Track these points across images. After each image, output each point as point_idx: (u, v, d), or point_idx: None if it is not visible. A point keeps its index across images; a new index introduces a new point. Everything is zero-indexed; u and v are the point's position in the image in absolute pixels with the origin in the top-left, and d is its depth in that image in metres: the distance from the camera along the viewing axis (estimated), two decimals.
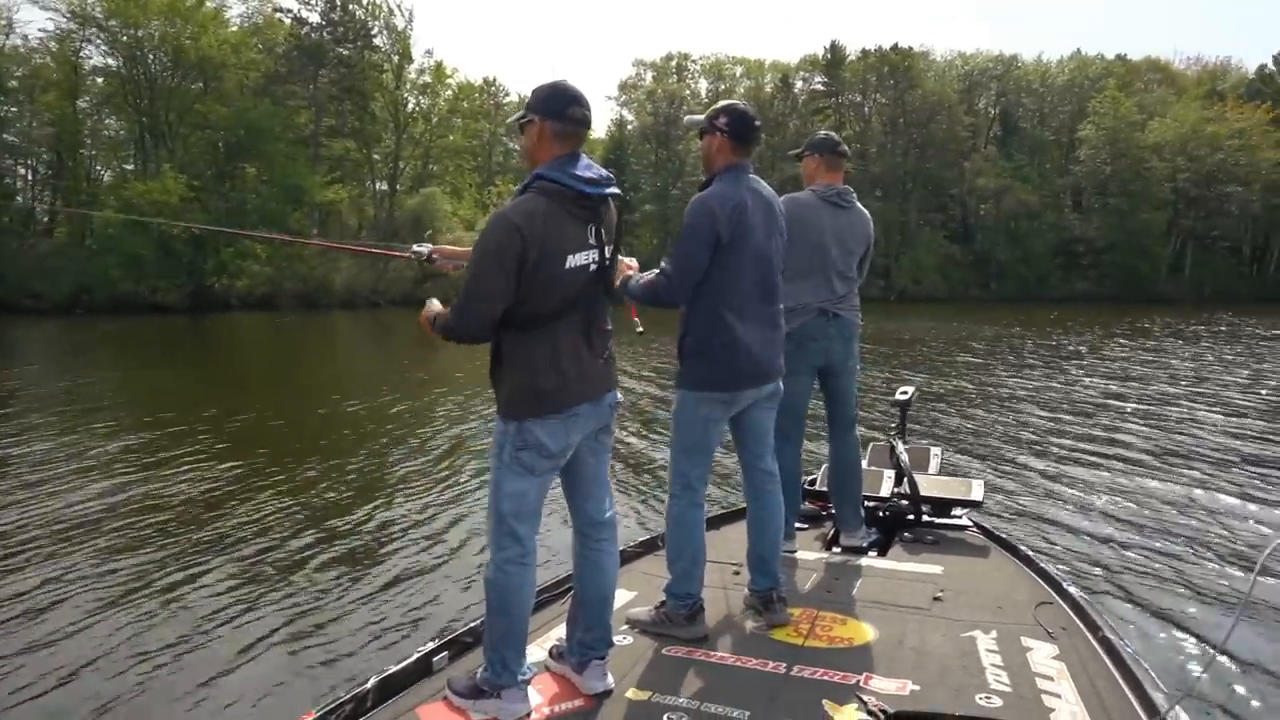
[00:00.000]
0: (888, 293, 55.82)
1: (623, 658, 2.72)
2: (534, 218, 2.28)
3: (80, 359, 20.48)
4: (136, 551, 5.76)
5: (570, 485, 2.60)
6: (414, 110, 53.74)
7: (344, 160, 49.79)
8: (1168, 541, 5.77)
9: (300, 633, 4.46)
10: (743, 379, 2.94)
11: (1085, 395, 12.78)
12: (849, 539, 3.97)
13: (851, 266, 3.88)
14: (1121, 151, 55.07)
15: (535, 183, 2.36)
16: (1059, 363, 17.65)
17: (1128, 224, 54.38)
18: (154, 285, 37.56)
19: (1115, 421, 10.49)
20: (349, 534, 6.19)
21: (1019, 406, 11.82)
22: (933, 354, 19.40)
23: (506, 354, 2.38)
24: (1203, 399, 12.31)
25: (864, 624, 3.02)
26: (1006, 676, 2.59)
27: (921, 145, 59.92)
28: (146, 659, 4.15)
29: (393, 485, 7.69)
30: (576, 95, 2.42)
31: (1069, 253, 56.60)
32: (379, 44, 51.41)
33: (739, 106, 3.04)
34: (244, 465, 8.25)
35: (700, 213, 2.87)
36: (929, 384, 13.96)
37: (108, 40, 41.61)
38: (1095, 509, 6.61)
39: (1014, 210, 56.60)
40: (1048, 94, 64.28)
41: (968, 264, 57.92)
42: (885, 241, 58.17)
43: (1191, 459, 8.38)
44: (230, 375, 17.73)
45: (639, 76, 69.55)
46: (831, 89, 61.91)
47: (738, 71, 70.62)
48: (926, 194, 60.42)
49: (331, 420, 11.11)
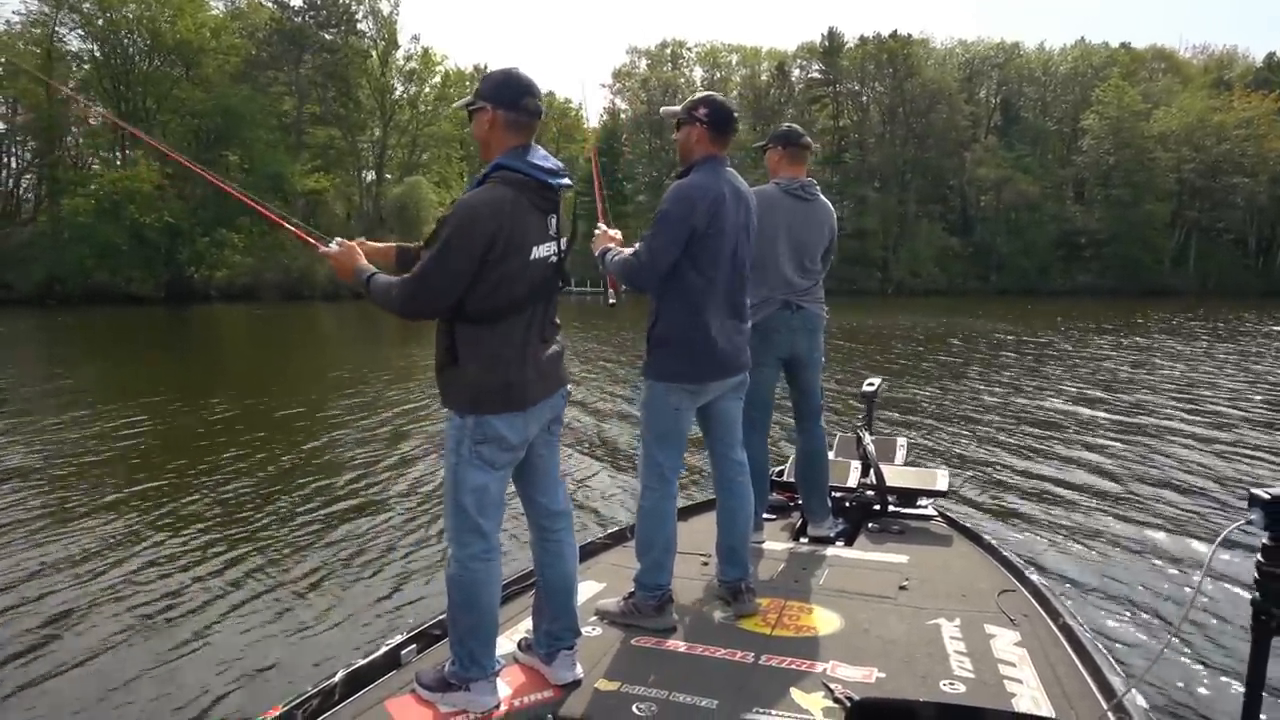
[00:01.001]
0: (885, 285, 55.18)
1: (591, 648, 2.73)
2: (501, 208, 2.27)
3: (40, 353, 20.20)
4: (100, 541, 5.76)
5: (523, 478, 2.58)
6: (400, 97, 52.70)
7: (329, 149, 48.86)
8: (1127, 530, 5.97)
9: (265, 625, 4.43)
10: (710, 371, 2.97)
11: (1056, 390, 12.90)
12: (816, 529, 4.02)
13: (815, 259, 3.88)
14: (1125, 141, 54.69)
15: (496, 172, 2.33)
16: (1036, 357, 17.85)
17: (1131, 215, 54.06)
18: (129, 276, 36.62)
19: (1081, 415, 10.66)
20: (313, 526, 6.15)
21: (989, 400, 12.02)
22: (911, 349, 19.50)
23: (465, 347, 2.33)
24: (1174, 393, 12.49)
25: (831, 613, 3.06)
26: (970, 663, 2.65)
27: (921, 135, 59.40)
28: (105, 652, 4.13)
29: (361, 476, 7.67)
30: (529, 85, 2.40)
31: (1070, 244, 56.20)
32: (364, 29, 50.45)
33: (717, 98, 3.05)
34: (203, 459, 8.23)
35: (679, 200, 2.87)
36: (900, 377, 14.06)
37: (83, 23, 40.54)
38: (1057, 498, 6.80)
39: (1015, 201, 56.12)
40: (1050, 83, 63.66)
41: (967, 256, 57.56)
42: (883, 233, 57.69)
43: (1153, 452, 8.60)
44: (195, 368, 17.31)
45: (633, 64, 68.94)
46: (829, 77, 61.17)
47: (733, 60, 69.87)
48: (925, 184, 60.06)
49: (295, 413, 10.99)
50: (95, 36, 41.07)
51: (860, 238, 57.63)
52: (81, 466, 7.97)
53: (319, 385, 13.86)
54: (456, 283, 2.26)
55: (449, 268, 2.25)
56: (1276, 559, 1.64)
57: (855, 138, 61.74)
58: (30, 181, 44.01)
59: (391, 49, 51.93)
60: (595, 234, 3.16)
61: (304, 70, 47.39)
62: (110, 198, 34.58)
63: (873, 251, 57.44)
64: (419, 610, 4.46)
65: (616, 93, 67.98)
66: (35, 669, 3.97)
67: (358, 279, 2.47)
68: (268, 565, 5.34)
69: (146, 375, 15.46)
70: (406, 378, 14.17)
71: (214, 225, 38.04)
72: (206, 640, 4.25)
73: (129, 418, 10.32)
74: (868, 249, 57.37)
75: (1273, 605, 1.64)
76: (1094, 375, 14.62)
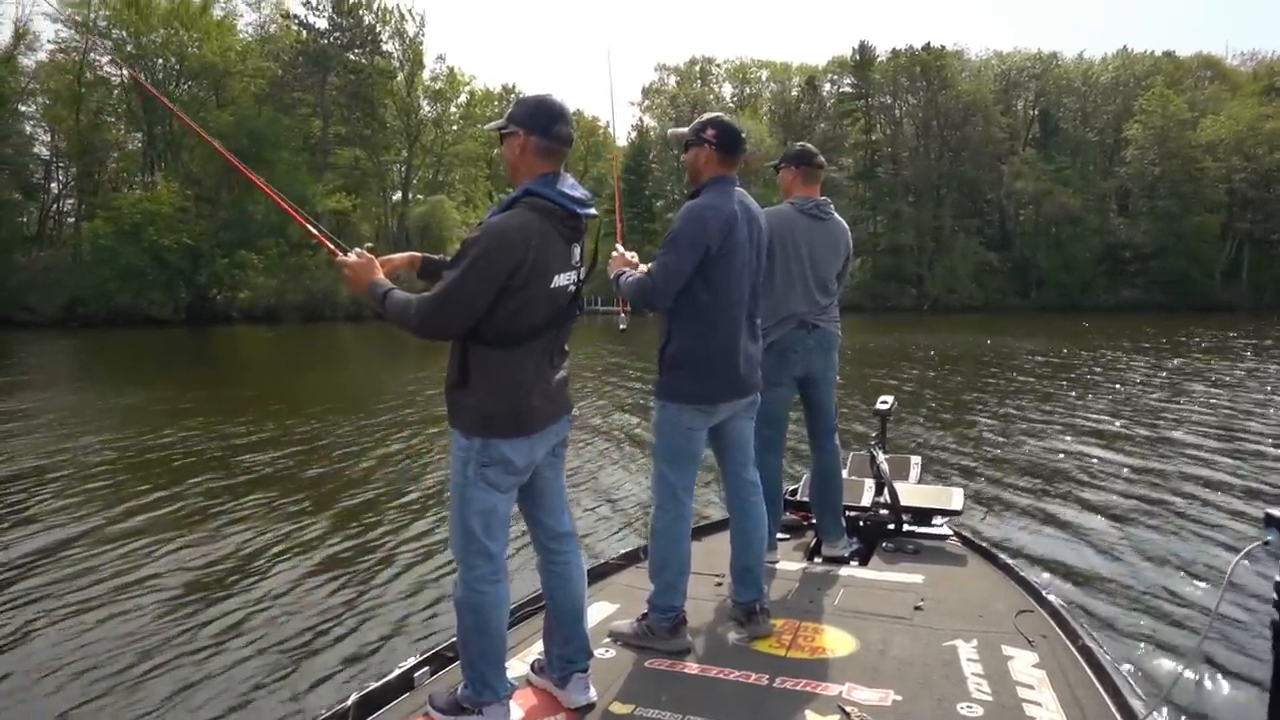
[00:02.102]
0: (920, 302, 53.78)
1: (605, 671, 2.73)
2: (530, 234, 2.28)
3: (56, 374, 20.53)
4: (113, 565, 5.78)
5: (529, 500, 2.57)
6: (425, 117, 52.68)
7: (354, 169, 48.95)
8: (1147, 549, 5.94)
9: (280, 649, 4.42)
10: (722, 391, 2.99)
11: (1078, 410, 12.61)
12: (830, 549, 4.04)
13: (831, 278, 3.90)
14: (1171, 151, 53.22)
15: (526, 198, 2.35)
16: (1063, 376, 17.48)
17: (1178, 228, 52.62)
18: (150, 298, 36.63)
19: (1104, 434, 10.53)
20: (328, 547, 6.19)
21: (1006, 420, 11.84)
22: (926, 369, 19.24)
23: (477, 369, 2.34)
24: (1204, 412, 12.19)
25: (845, 634, 3.05)
26: (988, 685, 2.64)
27: (956, 148, 58.45)
28: (117, 672, 4.14)
29: (376, 497, 7.72)
30: (563, 111, 2.42)
31: (1115, 259, 54.79)
32: (389, 50, 50.55)
33: (724, 119, 3.08)
34: (216, 483, 8.27)
35: (692, 220, 2.91)
36: (915, 396, 14.08)
37: (112, 50, 41.01)
38: (1073, 519, 6.72)
39: (1055, 215, 54.79)
40: (1090, 93, 62.26)
41: (1006, 271, 56.31)
42: (918, 249, 56.47)
43: (1176, 470, 8.51)
44: (211, 388, 17.21)
45: (661, 81, 68.69)
46: (861, 91, 60.19)
47: (763, 75, 69.40)
48: (961, 198, 59.18)
49: (312, 434, 11.06)
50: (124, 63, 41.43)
51: (894, 254, 56.60)
52: (89, 490, 7.99)
53: (336, 404, 13.97)
54: (476, 304, 2.25)
55: (471, 289, 2.24)
56: None
57: (888, 151, 60.78)
58: (71, 206, 44.52)
59: (417, 69, 52.02)
60: (612, 256, 3.16)
61: (329, 92, 47.48)
62: (130, 219, 34.55)
63: (907, 268, 56.28)
64: (434, 632, 4.43)
65: (645, 110, 67.78)
66: (25, 678, 4.04)
67: (372, 293, 2.44)
68: (283, 585, 5.32)
69: (161, 396, 15.39)
70: (425, 397, 14.24)
71: (234, 247, 37.95)
72: (219, 662, 4.25)
73: (138, 438, 10.49)
74: (902, 265, 56.26)
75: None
76: (1121, 395, 14.34)
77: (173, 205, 36.60)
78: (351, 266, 2.48)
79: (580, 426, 11.04)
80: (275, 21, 49.72)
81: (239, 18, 49.56)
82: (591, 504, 7.32)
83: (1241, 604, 4.60)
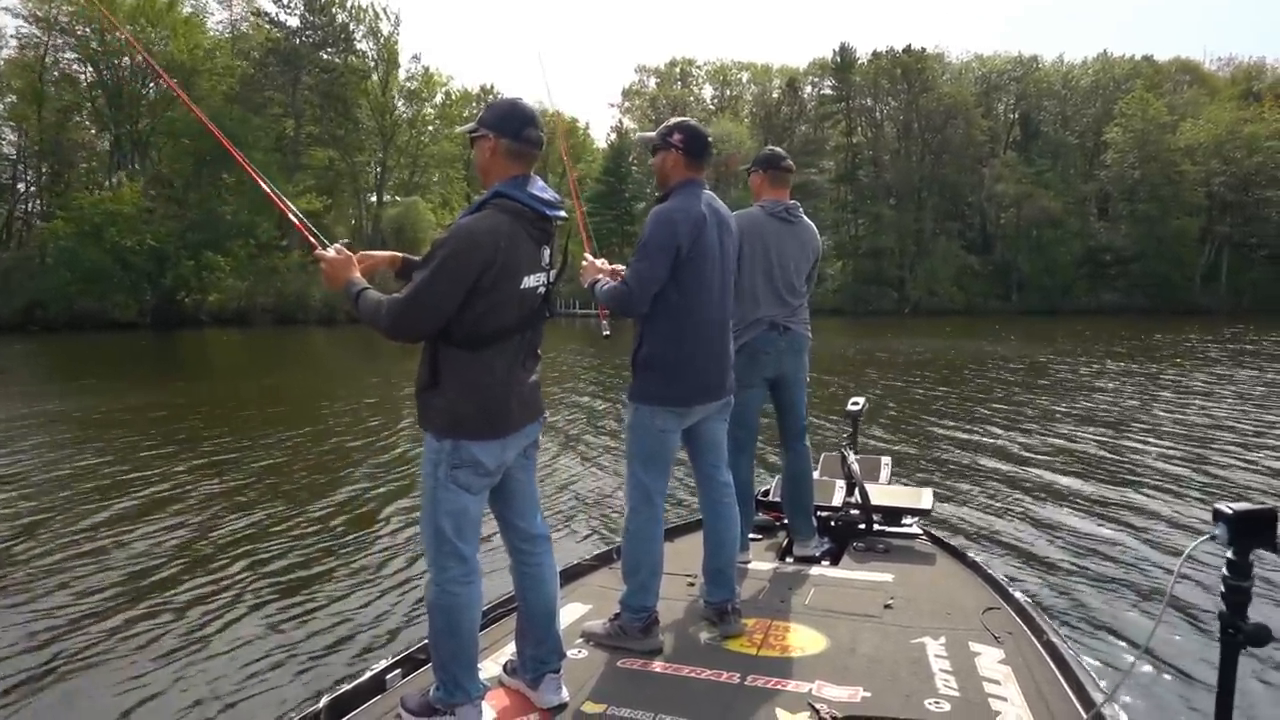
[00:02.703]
0: (901, 305, 53.53)
1: (577, 671, 2.76)
2: (499, 235, 2.31)
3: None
4: (83, 570, 5.71)
5: (501, 502, 2.59)
6: (400, 117, 51.82)
7: (328, 170, 48.09)
8: (1109, 545, 6.09)
9: (249, 653, 4.39)
10: (695, 393, 3.02)
11: (1043, 411, 12.78)
12: (802, 549, 4.09)
13: (800, 280, 3.95)
14: (1151, 155, 53.60)
15: (495, 199, 2.38)
16: (1032, 377, 17.73)
17: (1158, 231, 53.02)
18: (114, 301, 35.61)
19: (1065, 436, 10.66)
20: (297, 549, 6.14)
21: (976, 421, 11.95)
22: (898, 373, 19.22)
23: (447, 371, 2.36)
24: (1167, 415, 12.28)
25: (816, 633, 3.10)
26: (955, 681, 2.69)
27: (937, 151, 58.62)
28: (85, 680, 4.10)
29: (345, 500, 7.66)
30: (533, 116, 2.46)
31: (1095, 261, 55.02)
32: (363, 49, 49.78)
33: (691, 123, 3.12)
34: (179, 482, 8.31)
35: (661, 224, 2.93)
36: (885, 399, 14.03)
37: (75, 47, 39.94)
38: (1039, 517, 6.90)
39: (1036, 218, 54.96)
40: (1071, 96, 62.61)
41: (987, 274, 56.50)
42: (899, 251, 56.32)
43: (1136, 467, 8.74)
44: (172, 393, 16.65)
45: (641, 83, 68.41)
46: (842, 93, 59.96)
47: (744, 77, 69.09)
48: (942, 201, 59.35)
49: (277, 440, 10.94)
50: (88, 60, 40.38)
51: (876, 257, 56.44)
52: (42, 502, 7.73)
53: (299, 407, 13.88)
54: (445, 305, 2.27)
55: (440, 290, 2.26)
56: (1240, 574, 1.69)
57: (869, 154, 60.70)
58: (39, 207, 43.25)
59: (392, 69, 51.19)
60: (583, 264, 3.18)
61: (301, 91, 46.59)
62: (91, 220, 33.52)
63: (889, 270, 56.16)
64: (406, 632, 4.51)
65: (625, 111, 67.29)
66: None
67: (347, 291, 2.46)
68: (253, 588, 5.30)
69: (90, 404, 14.72)
70: (393, 401, 14.09)
71: (201, 248, 37.00)
72: (190, 665, 4.23)
73: (91, 445, 10.30)
74: (883, 268, 56.12)
75: (1239, 619, 1.70)
76: (1087, 396, 14.49)
77: (136, 205, 35.54)
78: (330, 261, 2.49)
79: (555, 429, 10.94)
80: (247, 20, 48.89)
81: (209, 15, 48.74)
82: (564, 506, 7.33)
83: (1195, 596, 4.77)
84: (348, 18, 48.35)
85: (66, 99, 41.71)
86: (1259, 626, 1.68)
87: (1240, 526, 1.64)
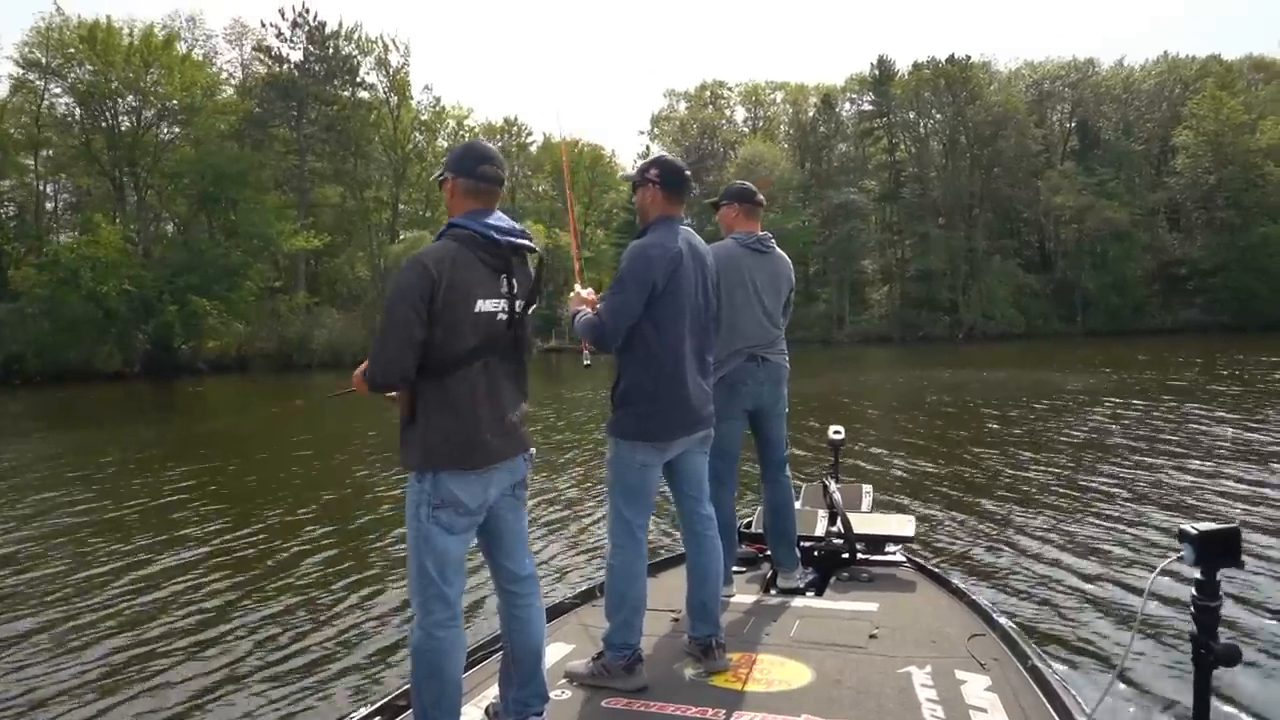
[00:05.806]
0: (954, 329, 49.40)
1: (561, 713, 2.80)
2: (443, 259, 2.40)
3: None
4: (67, 611, 5.80)
5: (489, 543, 2.65)
6: (410, 151, 49.83)
7: (339, 207, 46.20)
8: (1087, 570, 6.00)
9: (225, 699, 4.39)
10: (675, 428, 3.08)
11: (1035, 437, 12.33)
12: (786, 580, 4.17)
13: (778, 310, 4.07)
14: (1228, 158, 49.68)
15: (449, 230, 2.52)
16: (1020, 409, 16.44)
17: (1240, 240, 48.72)
18: (99, 351, 33.53)
19: (1051, 463, 10.23)
20: (274, 595, 6.12)
21: (968, 453, 11.33)
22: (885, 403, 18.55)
23: (421, 405, 2.42)
24: (1174, 443, 11.25)
25: (802, 665, 3.16)
26: (942, 710, 2.74)
27: (987, 164, 55.41)
28: None
29: (326, 543, 7.61)
30: (488, 154, 2.61)
31: (1170, 276, 50.52)
32: (372, 82, 48.09)
33: (668, 159, 3.24)
34: (167, 530, 8.26)
35: (637, 259, 3.02)
36: (869, 431, 13.67)
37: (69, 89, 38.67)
38: (1021, 543, 6.79)
39: (1099, 231, 50.97)
40: (1132, 100, 58.42)
41: (1047, 294, 52.66)
42: (950, 273, 52.48)
43: (1110, 497, 8.28)
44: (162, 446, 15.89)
45: (671, 108, 65.82)
46: (881, 108, 56.91)
47: (777, 97, 66.30)
48: (995, 218, 56.34)
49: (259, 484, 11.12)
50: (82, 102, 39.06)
51: (925, 280, 53.01)
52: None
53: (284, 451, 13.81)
54: (413, 333, 2.32)
55: (397, 329, 2.33)
56: (1209, 593, 1.72)
57: (913, 171, 57.40)
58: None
59: (403, 101, 49.32)
60: (571, 295, 3.28)
61: (307, 127, 44.89)
62: (68, 266, 31.51)
63: (939, 294, 52.61)
64: (386, 678, 4.50)
65: (655, 138, 64.70)
66: None
67: (369, 382, 2.49)
68: (228, 633, 5.31)
69: None
70: (380, 445, 13.88)
71: (188, 292, 34.85)
72: (162, 714, 4.21)
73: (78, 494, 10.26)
74: (934, 291, 52.61)
75: (1209, 639, 1.72)
76: (1088, 420, 13.84)
77: (116, 249, 33.53)
78: (354, 380, 2.54)
79: (537, 465, 9.03)
80: (257, 59, 47.61)
81: (218, 55, 47.55)
82: (546, 542, 7.34)
83: (1168, 616, 4.74)
84: (354, 50, 46.81)
85: (60, 143, 40.53)
86: (1229, 646, 1.71)
87: (1206, 547, 1.68)
